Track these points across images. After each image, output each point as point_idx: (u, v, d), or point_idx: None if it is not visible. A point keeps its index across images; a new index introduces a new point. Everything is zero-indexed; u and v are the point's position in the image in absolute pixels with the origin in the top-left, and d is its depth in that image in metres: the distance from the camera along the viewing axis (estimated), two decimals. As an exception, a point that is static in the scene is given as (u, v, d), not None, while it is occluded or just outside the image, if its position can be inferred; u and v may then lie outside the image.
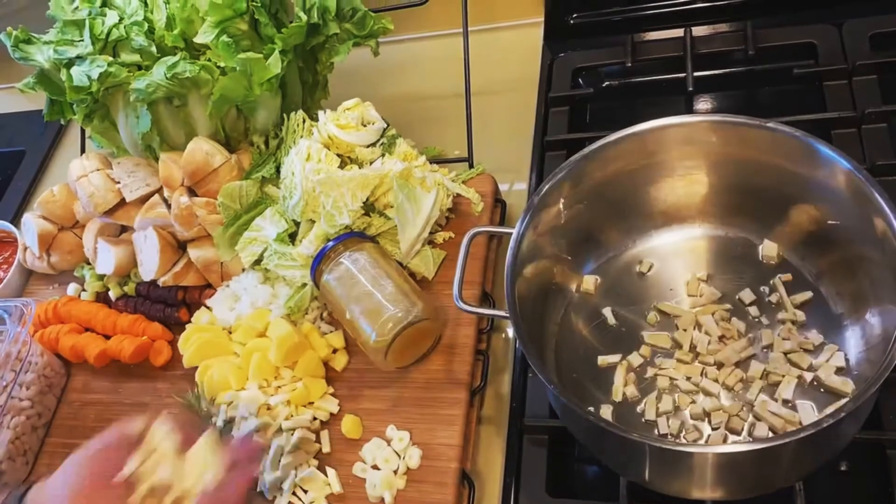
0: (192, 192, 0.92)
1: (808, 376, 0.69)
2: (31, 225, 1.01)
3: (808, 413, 0.67)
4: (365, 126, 0.92)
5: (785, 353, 0.70)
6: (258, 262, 0.90)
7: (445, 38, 1.12)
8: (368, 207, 0.87)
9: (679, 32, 0.98)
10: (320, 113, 0.92)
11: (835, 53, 0.90)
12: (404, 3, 1.00)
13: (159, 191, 0.95)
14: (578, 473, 0.77)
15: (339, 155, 0.90)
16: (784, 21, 0.95)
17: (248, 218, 0.92)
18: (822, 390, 0.68)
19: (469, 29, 0.96)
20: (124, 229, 0.99)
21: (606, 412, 0.72)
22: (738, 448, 0.57)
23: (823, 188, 0.70)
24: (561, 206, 0.75)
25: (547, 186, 0.73)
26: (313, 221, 0.88)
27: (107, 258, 0.95)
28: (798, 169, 0.71)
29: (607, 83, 1.01)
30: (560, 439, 0.74)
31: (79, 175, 0.96)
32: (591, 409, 0.71)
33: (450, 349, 0.82)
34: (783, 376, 0.69)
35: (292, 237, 0.90)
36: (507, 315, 0.68)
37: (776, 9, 0.96)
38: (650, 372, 0.73)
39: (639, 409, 0.71)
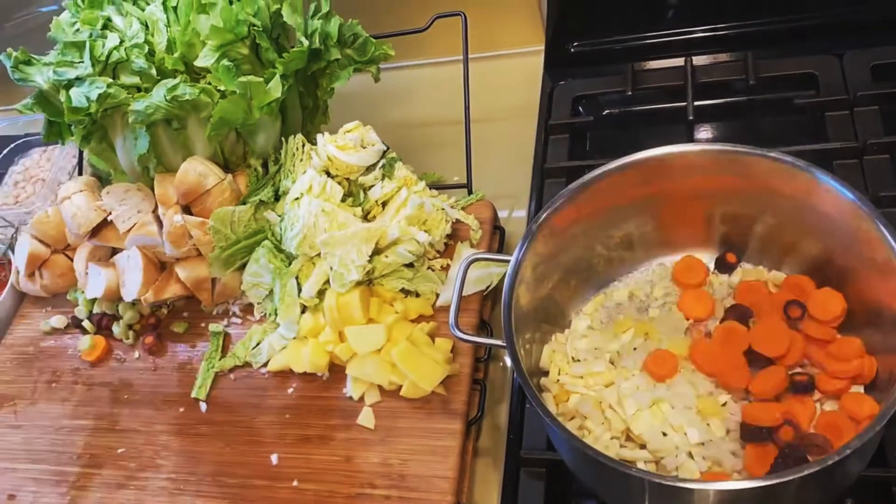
0: (186, 211, 0.92)
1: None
2: (24, 245, 1.00)
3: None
4: (364, 148, 0.91)
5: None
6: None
7: (446, 64, 1.12)
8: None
9: (679, 62, 0.98)
10: (319, 135, 0.91)
11: (836, 84, 0.90)
12: (405, 29, 1.00)
13: (154, 210, 0.94)
14: (576, 508, 0.75)
15: (339, 182, 0.90)
16: (784, 52, 0.95)
17: (245, 245, 0.91)
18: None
19: (469, 56, 0.97)
20: (116, 252, 0.98)
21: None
22: (741, 485, 0.55)
23: (825, 219, 0.69)
24: (560, 232, 0.74)
25: (545, 214, 0.72)
26: (311, 258, 0.88)
27: (97, 282, 0.94)
28: (800, 200, 0.70)
29: (607, 111, 1.01)
30: (558, 472, 0.72)
31: (63, 197, 0.95)
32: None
33: (446, 378, 0.81)
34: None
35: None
36: (504, 344, 0.66)
37: (776, 39, 0.96)
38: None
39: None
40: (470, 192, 0.96)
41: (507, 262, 0.71)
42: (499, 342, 0.67)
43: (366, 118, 0.94)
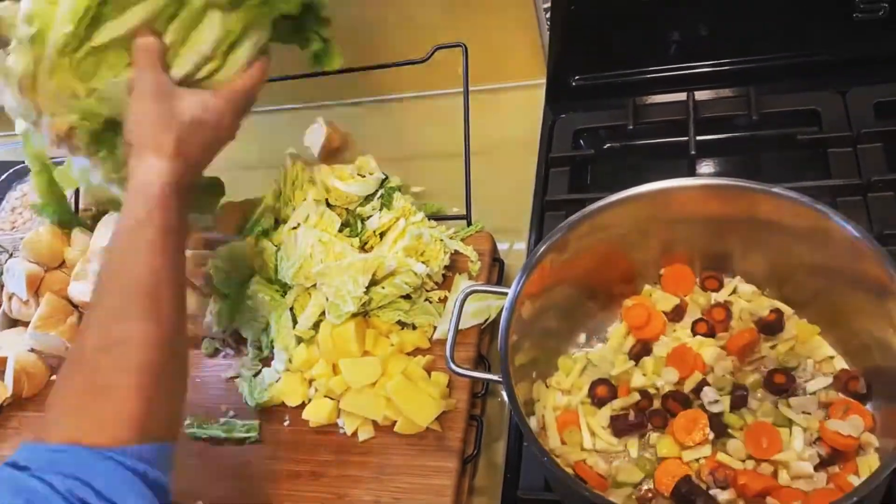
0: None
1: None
2: (18, 268, 0.99)
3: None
4: (363, 177, 0.91)
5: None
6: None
7: (447, 96, 1.12)
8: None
9: (682, 96, 0.98)
10: (318, 166, 0.91)
11: (839, 121, 0.89)
12: (405, 60, 1.00)
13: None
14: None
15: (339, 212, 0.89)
16: (787, 88, 0.95)
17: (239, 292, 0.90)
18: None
19: (470, 88, 0.96)
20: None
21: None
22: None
23: (828, 256, 0.68)
24: (559, 265, 0.73)
25: (544, 247, 0.71)
26: (307, 289, 0.87)
27: None
28: (804, 236, 0.69)
29: (609, 145, 1.00)
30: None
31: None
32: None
33: (441, 414, 0.79)
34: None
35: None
36: (501, 380, 0.65)
37: (779, 75, 0.96)
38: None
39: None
40: (469, 224, 0.95)
41: (506, 294, 0.69)
42: (496, 377, 0.66)
43: (366, 148, 0.93)
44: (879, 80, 0.91)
